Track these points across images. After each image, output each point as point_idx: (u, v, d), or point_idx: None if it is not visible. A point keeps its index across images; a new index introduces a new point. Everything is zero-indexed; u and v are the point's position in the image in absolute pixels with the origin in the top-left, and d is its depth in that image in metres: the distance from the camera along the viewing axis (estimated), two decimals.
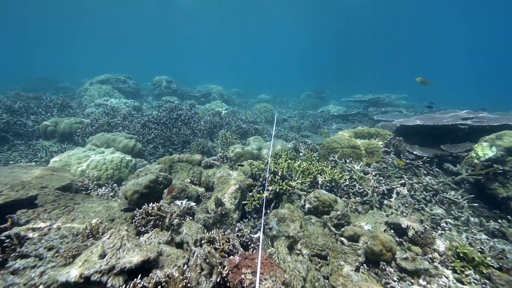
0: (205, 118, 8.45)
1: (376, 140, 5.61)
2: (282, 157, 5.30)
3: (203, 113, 10.36)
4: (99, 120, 6.92)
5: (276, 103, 18.74)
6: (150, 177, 3.55)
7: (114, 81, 12.39)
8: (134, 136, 6.43)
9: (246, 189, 4.04)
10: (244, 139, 8.23)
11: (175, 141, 7.42)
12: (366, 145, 5.30)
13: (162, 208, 3.07)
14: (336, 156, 4.93)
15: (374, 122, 9.92)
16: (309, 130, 9.91)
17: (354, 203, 3.76)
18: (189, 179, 4.30)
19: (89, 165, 4.48)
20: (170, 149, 7.25)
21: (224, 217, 3.44)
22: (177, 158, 4.76)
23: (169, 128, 7.80)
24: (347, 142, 5.54)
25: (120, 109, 8.46)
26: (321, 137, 8.78)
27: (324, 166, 4.65)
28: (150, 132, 7.20)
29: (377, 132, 5.79)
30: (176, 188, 3.75)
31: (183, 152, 7.27)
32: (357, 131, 6.09)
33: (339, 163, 4.81)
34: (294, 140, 8.10)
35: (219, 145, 6.79)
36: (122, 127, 7.04)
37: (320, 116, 11.61)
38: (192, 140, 7.53)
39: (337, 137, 5.95)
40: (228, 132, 7.58)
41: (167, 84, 14.18)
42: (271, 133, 8.51)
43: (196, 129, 7.97)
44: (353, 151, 5.35)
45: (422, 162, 4.57)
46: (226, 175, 4.14)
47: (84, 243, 2.20)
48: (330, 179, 4.15)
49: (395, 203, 3.60)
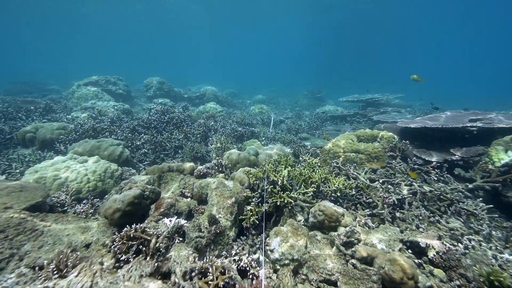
0: (198, 121, 8.03)
1: (380, 144, 5.29)
2: (281, 164, 4.93)
3: (197, 116, 9.94)
4: (84, 125, 6.44)
5: (272, 103, 18.39)
6: (134, 192, 3.13)
7: (104, 83, 11.86)
8: (121, 142, 5.98)
9: (244, 201, 3.65)
10: (240, 142, 7.85)
11: (167, 147, 6.99)
12: (370, 149, 4.97)
13: (147, 229, 2.66)
14: (340, 162, 4.58)
15: (373, 122, 9.65)
16: (307, 132, 9.57)
17: (363, 216, 3.41)
18: (180, 191, 3.89)
19: (68, 177, 4.03)
20: (162, 155, 6.82)
21: (219, 236, 3.04)
22: (167, 167, 4.34)
23: (160, 132, 7.37)
24: (350, 146, 5.21)
25: (108, 112, 7.98)
26: (320, 139, 8.45)
27: (327, 174, 4.29)
28: (140, 137, 6.75)
29: (381, 135, 5.46)
30: (164, 203, 3.34)
31: (175, 158, 6.86)
32: (360, 134, 5.76)
33: (343, 169, 4.46)
34: (292, 143, 7.75)
35: (214, 150, 6.39)
36: (109, 133, 6.58)
37: (318, 117, 11.30)
38: (185, 145, 7.11)
39: (339, 141, 5.62)
40: (223, 136, 7.18)
41: (159, 86, 13.69)
42: (268, 136, 8.15)
43: (189, 133, 7.55)
44: (357, 156, 5.02)
45: (432, 168, 4.25)
46: (221, 186, 3.75)
47: (44, 286, 1.78)
48: (335, 188, 3.79)
49: (409, 216, 3.26)
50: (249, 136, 8.01)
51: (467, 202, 3.43)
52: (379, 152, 4.91)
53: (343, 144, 5.34)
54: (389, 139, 5.30)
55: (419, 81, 7.81)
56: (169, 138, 7.11)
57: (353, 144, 5.22)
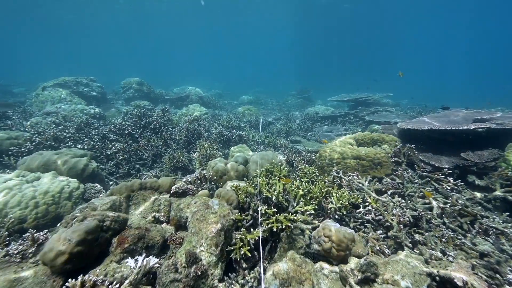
0: (180, 125, 7.25)
1: (382, 148, 4.80)
2: (275, 174, 4.31)
3: (179, 119, 9.14)
4: (44, 134, 5.51)
5: (259, 104, 17.80)
6: (87, 225, 2.38)
7: (74, 84, 10.72)
8: (88, 153, 5.12)
9: (232, 226, 2.99)
10: (227, 148, 7.16)
11: (144, 155, 6.18)
12: (372, 154, 4.46)
13: (98, 283, 1.94)
14: (341, 172, 4.01)
15: (366, 123, 9.28)
16: (298, 134, 9.04)
17: (376, 240, 2.84)
18: (153, 216, 3.16)
19: (8, 202, 3.19)
20: (137, 166, 6.00)
21: (201, 279, 2.36)
22: (137, 184, 3.59)
23: (136, 139, 6.53)
24: (350, 152, 4.68)
25: (75, 117, 7.02)
26: (313, 142, 7.93)
27: (328, 186, 3.71)
28: (111, 146, 5.89)
29: (382, 138, 4.98)
30: (130, 235, 2.61)
31: (153, 169, 6.07)
32: (359, 137, 5.25)
33: (345, 179, 3.90)
34: (283, 147, 7.16)
35: (197, 159, 5.67)
36: (74, 141, 5.68)
37: (308, 117, 10.81)
38: (164, 153, 6.33)
39: (336, 145, 5.08)
40: (207, 141, 6.46)
41: (138, 87, 12.69)
42: (257, 140, 7.51)
43: (170, 139, 6.77)
44: (358, 163, 4.49)
45: (443, 175, 3.79)
46: (204, 208, 3.06)
47: None
48: (340, 205, 3.21)
49: (430, 239, 2.73)
50: (237, 140, 7.34)
51: (492, 218, 2.96)
52: (382, 157, 4.41)
53: (342, 149, 4.80)
54: (391, 142, 4.82)
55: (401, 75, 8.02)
56: (146, 146, 6.30)
57: (353, 150, 4.69)
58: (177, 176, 5.51)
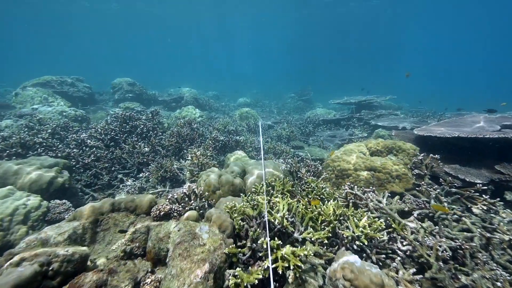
0: (171, 130, 6.58)
1: (399, 158, 4.19)
2: (277, 189, 3.66)
3: (171, 122, 8.46)
4: (9, 139, 4.79)
5: (257, 106, 17.19)
6: (19, 276, 1.70)
7: (58, 84, 9.99)
8: (60, 162, 4.42)
9: (225, 263, 2.33)
10: (223, 154, 6.51)
11: (128, 164, 5.50)
12: (389, 166, 3.84)
13: None
14: (356, 188, 3.38)
15: (371, 127, 8.71)
16: (299, 139, 8.42)
17: (408, 282, 2.20)
18: (123, 248, 2.48)
19: None
20: (120, 175, 5.31)
21: None
22: (109, 205, 2.91)
23: (120, 145, 5.84)
24: (362, 162, 4.05)
25: (53, 120, 6.30)
26: (316, 148, 7.31)
27: (342, 205, 3.08)
28: (90, 153, 5.20)
29: (398, 146, 4.37)
30: (87, 283, 1.94)
31: (139, 179, 5.38)
32: (371, 145, 4.64)
33: (360, 196, 3.27)
34: (284, 154, 6.53)
35: (187, 168, 5.00)
36: (47, 148, 4.97)
37: (310, 121, 10.21)
38: (152, 161, 5.65)
39: (346, 154, 4.46)
40: (200, 148, 5.80)
41: (129, 88, 11.98)
42: (256, 146, 6.86)
43: (158, 145, 6.09)
44: (373, 175, 3.87)
45: (477, 192, 3.18)
46: (190, 238, 2.41)
47: None
48: (360, 233, 2.57)
49: (482, 283, 2.10)
50: (233, 146, 6.69)
51: None
52: (401, 169, 3.80)
53: (354, 159, 4.18)
54: (409, 151, 4.22)
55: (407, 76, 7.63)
56: (130, 152, 5.62)
57: (366, 160, 4.07)
58: (164, 189, 4.83)
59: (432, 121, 8.41)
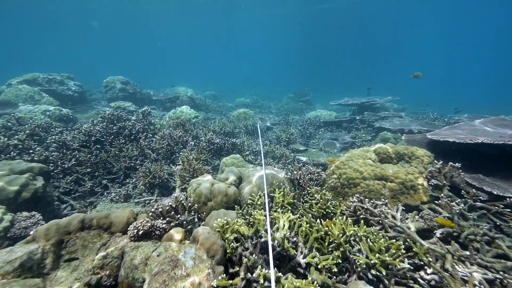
0: (162, 131, 6.13)
1: (412, 166, 3.77)
2: (276, 201, 3.23)
3: (166, 123, 8.00)
4: None
5: (256, 107, 16.76)
6: None
7: (46, 81, 9.49)
8: (36, 166, 3.97)
9: None
10: (218, 158, 6.08)
11: (114, 168, 5.04)
12: (402, 175, 3.42)
13: None
14: (367, 201, 2.96)
15: (375, 130, 8.30)
16: (299, 142, 7.99)
17: None
18: (85, 283, 2.03)
19: None
20: (105, 181, 4.85)
21: None
22: (77, 222, 2.45)
23: (105, 148, 5.38)
24: (372, 170, 3.63)
25: (34, 120, 5.83)
26: (318, 151, 6.89)
27: (350, 221, 2.65)
28: (71, 157, 4.74)
29: (410, 152, 3.95)
30: None
31: (125, 185, 4.93)
32: (379, 150, 4.22)
33: (375, 212, 2.84)
34: (284, 158, 6.10)
35: (178, 175, 4.55)
36: (22, 151, 4.51)
37: (310, 123, 9.79)
38: (140, 165, 5.20)
39: (352, 160, 4.03)
40: (193, 152, 5.35)
41: (122, 86, 11.50)
42: (254, 150, 6.43)
43: (148, 148, 5.64)
44: (384, 185, 3.44)
45: (506, 207, 2.77)
46: (170, 267, 1.97)
47: None
48: (377, 260, 2.14)
49: None
50: (230, 149, 6.25)
51: None
52: (416, 179, 3.37)
53: (362, 167, 3.75)
54: (423, 158, 3.80)
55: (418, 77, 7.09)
56: (117, 156, 5.16)
57: (376, 167, 3.65)
58: (151, 197, 4.38)
59: (439, 123, 8.02)
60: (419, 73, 6.89)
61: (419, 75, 6.88)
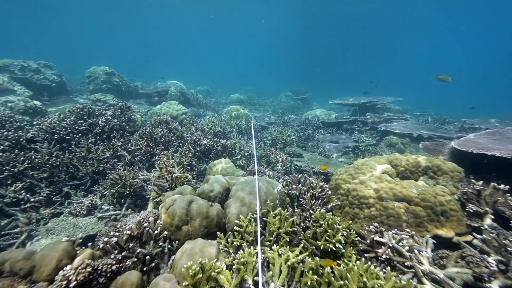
0: (141, 130, 5.33)
1: (440, 184, 3.08)
2: (271, 228, 2.50)
3: (147, 120, 7.17)
4: None
5: (251, 104, 15.97)
6: None
7: (19, 69, 8.53)
8: None
9: None
10: (206, 162, 5.32)
11: (79, 173, 4.24)
12: (430, 196, 2.72)
13: None
14: (392, 239, 2.26)
15: (379, 133, 7.63)
16: (297, 144, 7.27)
17: None
18: None
19: None
20: (66, 188, 4.05)
21: None
22: None
23: (71, 147, 4.56)
24: (390, 188, 2.93)
25: None
26: (318, 157, 6.18)
27: (372, 272, 1.93)
28: (25, 158, 3.91)
29: (436, 166, 3.26)
30: None
31: (92, 193, 4.15)
32: (396, 161, 3.52)
33: (404, 254, 2.14)
34: (280, 163, 5.37)
35: (153, 185, 3.77)
36: None
37: (308, 123, 9.08)
38: (110, 170, 4.40)
39: (364, 174, 3.33)
40: (176, 154, 4.56)
41: (107, 78, 10.55)
42: (246, 154, 5.68)
43: (122, 149, 4.84)
44: (407, 210, 2.75)
45: None
46: None
47: None
48: None
49: None
50: (219, 152, 5.50)
51: None
52: (448, 202, 2.69)
53: (376, 182, 3.04)
54: (453, 174, 3.11)
55: (444, 80, 6.13)
56: (84, 158, 4.35)
57: (395, 185, 2.95)
58: (118, 212, 3.61)
59: (450, 127, 7.41)
60: (445, 76, 5.93)
61: (446, 78, 5.90)
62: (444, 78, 6.00)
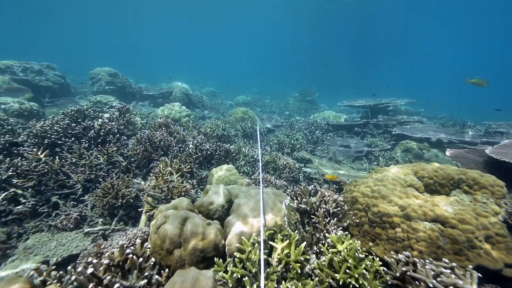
0: (140, 134, 5.00)
1: (478, 201, 2.60)
2: (279, 255, 2.09)
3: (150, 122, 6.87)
4: None
5: (257, 106, 15.60)
6: None
7: (21, 70, 8.40)
8: None
9: None
10: (207, 167, 4.96)
11: (69, 181, 3.93)
12: (470, 218, 2.27)
13: None
14: (428, 270, 1.81)
15: (394, 137, 7.11)
16: (305, 148, 6.83)
17: None
18: None
19: None
20: (55, 198, 3.74)
21: None
22: None
23: (63, 153, 4.26)
24: (419, 206, 2.47)
25: None
26: (328, 163, 5.73)
27: None
28: (10, 165, 3.62)
29: (471, 179, 2.79)
30: None
31: (83, 202, 3.83)
32: (422, 172, 3.05)
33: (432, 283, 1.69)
34: (288, 170, 4.95)
35: (146, 194, 3.42)
36: None
37: (317, 126, 8.63)
38: (104, 178, 4.08)
39: (385, 186, 2.88)
40: (176, 160, 4.21)
41: (110, 79, 10.37)
42: (250, 160, 5.28)
43: (118, 154, 4.51)
44: (442, 233, 2.29)
45: None
46: None
47: None
48: None
49: None
50: (222, 157, 5.13)
51: None
52: (493, 225, 2.22)
53: (401, 198, 2.60)
54: (493, 189, 2.63)
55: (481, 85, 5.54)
56: (75, 165, 4.04)
57: (425, 201, 2.50)
58: (107, 227, 3.26)
59: (470, 131, 6.83)
60: (481, 80, 5.28)
61: (481, 82, 5.26)
62: (479, 82, 5.42)
